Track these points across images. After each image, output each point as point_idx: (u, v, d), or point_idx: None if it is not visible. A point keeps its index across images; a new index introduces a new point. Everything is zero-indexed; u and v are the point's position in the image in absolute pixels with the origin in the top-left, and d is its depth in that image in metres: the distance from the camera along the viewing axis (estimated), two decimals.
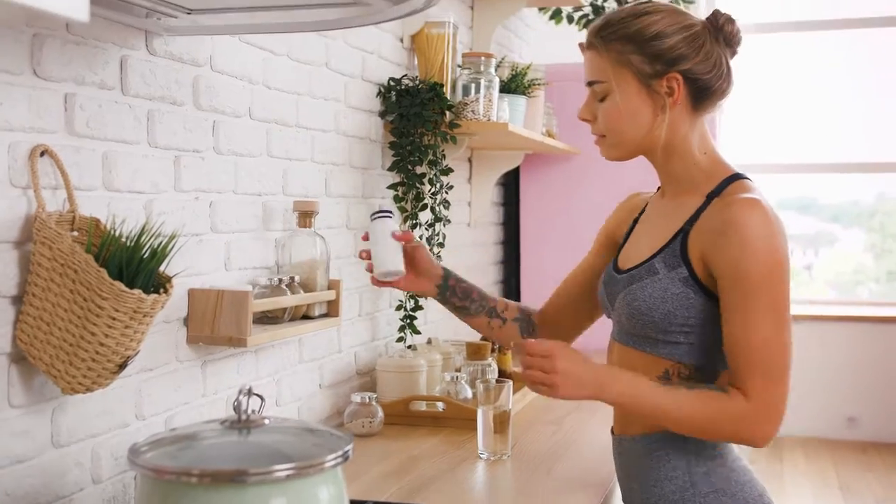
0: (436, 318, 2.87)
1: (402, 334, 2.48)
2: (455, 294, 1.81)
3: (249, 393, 1.15)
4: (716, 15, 1.54)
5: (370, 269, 1.74)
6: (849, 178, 5.92)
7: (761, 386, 1.40)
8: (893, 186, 6.11)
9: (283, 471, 1.06)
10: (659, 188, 1.66)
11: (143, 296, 1.27)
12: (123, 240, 1.30)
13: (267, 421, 1.16)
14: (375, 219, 1.73)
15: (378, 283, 1.75)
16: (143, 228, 1.31)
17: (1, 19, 1.21)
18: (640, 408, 1.46)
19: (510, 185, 3.64)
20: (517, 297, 3.69)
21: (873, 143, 5.86)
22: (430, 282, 1.80)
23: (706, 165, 1.55)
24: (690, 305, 1.47)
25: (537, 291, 3.54)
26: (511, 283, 3.68)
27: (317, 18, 1.62)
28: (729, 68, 1.55)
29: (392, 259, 1.71)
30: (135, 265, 1.29)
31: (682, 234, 1.50)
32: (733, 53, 1.56)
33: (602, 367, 1.48)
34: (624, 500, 1.63)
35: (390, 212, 1.75)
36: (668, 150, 1.55)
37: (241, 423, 1.14)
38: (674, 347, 1.50)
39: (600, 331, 1.83)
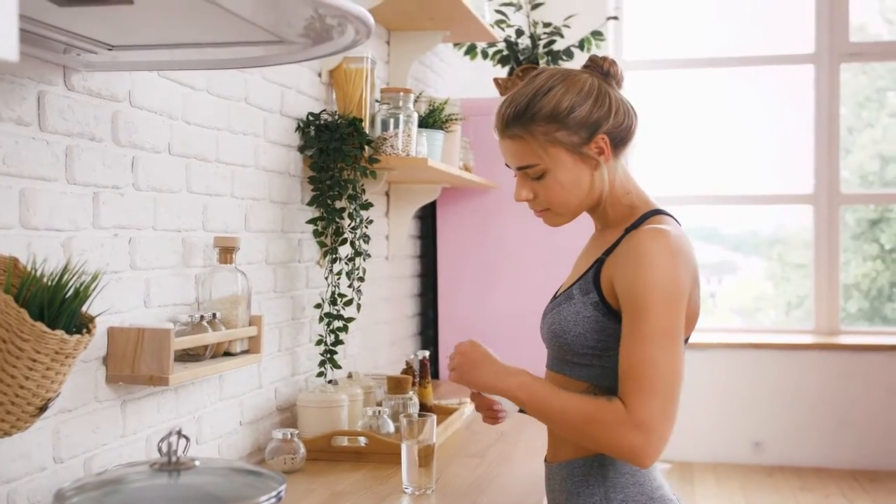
0: (355, 351, 2.86)
1: (322, 369, 2.47)
2: None
3: (179, 434, 1.14)
4: (596, 62, 1.62)
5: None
6: (748, 209, 6.12)
7: (638, 401, 1.43)
8: (790, 218, 6.34)
9: None
10: None
11: (66, 336, 1.24)
12: (44, 279, 1.27)
13: (197, 462, 1.15)
14: None
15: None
16: (65, 267, 1.29)
17: None
18: (534, 403, 1.53)
19: (426, 217, 3.67)
20: (435, 330, 3.70)
21: (772, 175, 6.08)
22: None
23: (630, 202, 1.62)
24: (601, 329, 1.53)
25: (454, 324, 3.56)
26: (428, 314, 3.70)
27: (238, 56, 1.62)
28: (632, 109, 1.62)
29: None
30: (56, 305, 1.26)
31: (598, 262, 1.57)
32: (621, 89, 1.64)
33: (503, 365, 1.59)
34: None
35: None
36: (598, 199, 1.62)
37: (170, 465, 1.13)
38: (588, 370, 1.57)
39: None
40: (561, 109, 1.55)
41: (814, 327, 5.79)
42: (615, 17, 3.80)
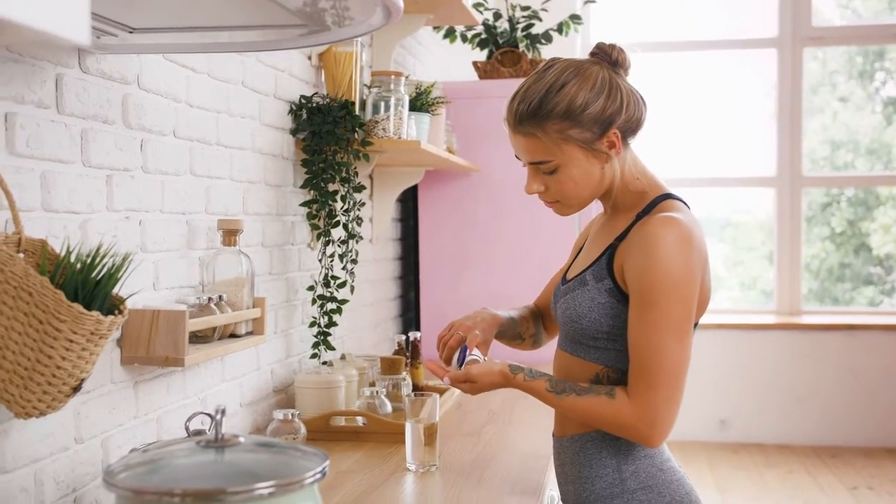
0: (343, 333, 2.89)
1: (315, 350, 2.49)
2: (504, 336, 1.94)
3: (223, 413, 1.16)
4: (604, 50, 1.64)
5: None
6: (702, 191, 6.21)
7: (643, 389, 1.50)
8: (743, 201, 6.45)
9: (265, 488, 1.07)
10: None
11: (102, 317, 1.26)
12: (76, 263, 1.28)
13: (241, 439, 1.17)
14: None
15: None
16: (97, 250, 1.30)
17: None
18: (538, 398, 1.65)
19: (407, 201, 3.69)
20: (416, 312, 3.74)
21: (733, 159, 6.19)
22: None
23: (640, 187, 1.65)
24: (615, 314, 1.57)
25: (436, 306, 3.59)
26: (410, 297, 3.73)
27: (250, 39, 1.64)
28: (640, 97, 1.65)
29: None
30: (90, 287, 1.27)
31: (611, 249, 1.60)
32: (628, 76, 1.67)
33: (505, 380, 1.68)
34: (562, 500, 1.71)
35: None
36: (610, 187, 1.66)
37: (216, 441, 1.15)
38: (603, 353, 1.60)
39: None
40: (575, 107, 1.57)
41: (776, 307, 5.92)
42: (593, 1, 3.84)
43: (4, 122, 1.36)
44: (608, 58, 1.63)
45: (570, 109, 1.56)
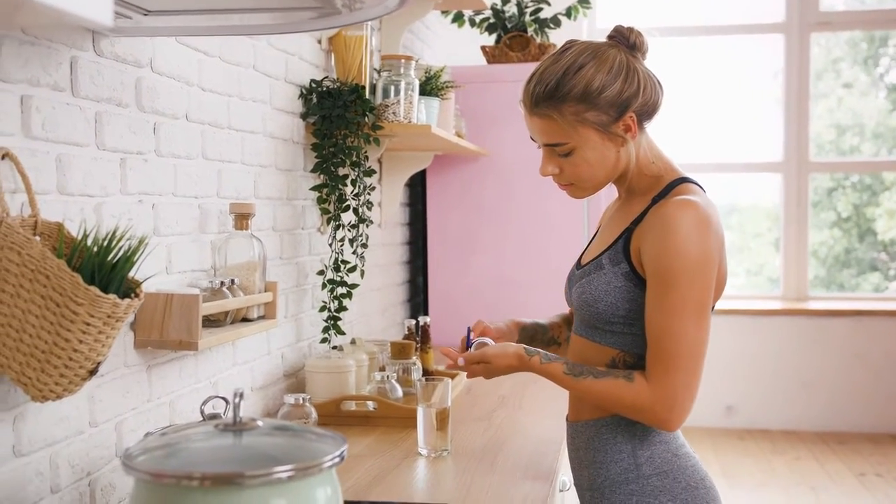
0: (352, 318, 2.88)
1: (325, 335, 2.49)
2: (534, 340, 1.93)
3: (241, 396, 1.15)
4: (621, 33, 1.63)
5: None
6: (707, 177, 6.19)
7: (662, 373, 1.50)
8: (749, 187, 6.43)
9: (284, 472, 1.07)
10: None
11: (118, 300, 1.25)
12: (93, 246, 1.28)
13: (259, 423, 1.17)
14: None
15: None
16: (113, 233, 1.29)
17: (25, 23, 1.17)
18: (553, 381, 1.64)
19: (415, 185, 3.68)
20: (424, 296, 3.73)
21: (740, 144, 6.17)
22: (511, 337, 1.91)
23: (656, 171, 1.64)
24: (632, 298, 1.56)
25: (444, 290, 3.59)
26: (417, 281, 3.73)
27: (261, 22, 1.63)
28: (657, 80, 1.64)
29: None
30: (107, 270, 1.27)
31: (627, 233, 1.60)
32: (645, 59, 1.66)
33: (521, 363, 1.67)
34: (576, 485, 1.71)
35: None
36: (624, 171, 1.65)
37: (235, 425, 1.15)
38: (619, 337, 1.60)
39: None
40: (592, 90, 1.56)
41: (782, 293, 5.92)
42: None
43: (20, 105, 1.35)
44: (626, 41, 1.62)
45: (587, 92, 1.56)
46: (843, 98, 6.23)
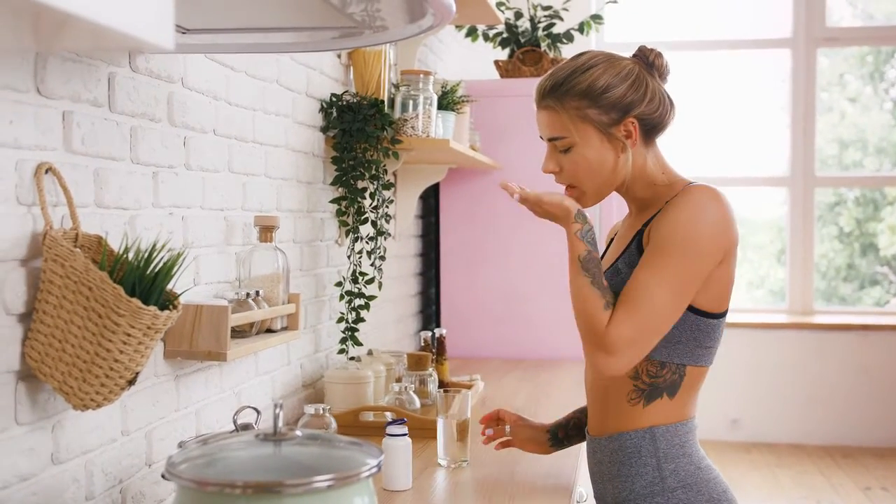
0: (367, 329, 2.91)
1: (343, 346, 2.52)
2: (570, 437, 1.93)
3: (281, 407, 1.19)
4: (644, 52, 1.68)
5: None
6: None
7: (617, 319, 1.52)
8: (751, 200, 6.47)
9: (323, 482, 1.10)
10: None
11: (158, 312, 1.29)
12: (133, 259, 1.31)
13: (298, 433, 1.20)
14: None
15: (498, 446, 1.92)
16: (153, 245, 1.33)
17: (80, 46, 1.21)
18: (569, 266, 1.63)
19: (428, 198, 3.72)
20: (437, 308, 3.76)
21: (746, 158, 6.21)
22: (539, 447, 1.94)
23: (666, 182, 1.67)
24: None
25: (457, 303, 3.62)
26: (430, 293, 3.76)
27: (288, 41, 1.67)
28: (669, 99, 1.68)
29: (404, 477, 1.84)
30: (147, 283, 1.30)
31: (639, 234, 1.63)
32: (665, 82, 1.70)
33: (565, 216, 1.63)
34: (597, 498, 1.73)
35: (404, 421, 1.88)
36: (630, 181, 1.68)
37: (275, 435, 1.18)
38: None
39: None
40: (596, 87, 1.61)
41: (787, 307, 5.94)
42: (615, 1, 3.87)
43: (62, 121, 1.39)
44: (645, 59, 1.67)
45: (591, 89, 1.61)
46: (846, 112, 6.27)
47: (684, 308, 1.56)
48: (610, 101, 1.61)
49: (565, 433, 1.92)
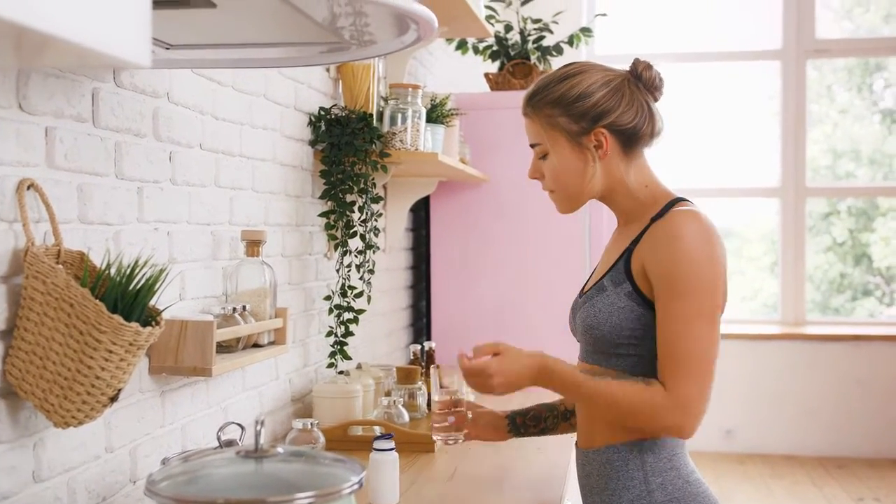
0: (357, 343, 2.91)
1: (332, 360, 2.51)
2: (528, 427, 1.92)
3: (262, 423, 1.18)
4: (635, 64, 1.69)
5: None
6: (704, 202, 6.23)
7: (676, 378, 1.52)
8: (743, 212, 6.48)
9: (305, 499, 1.10)
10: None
11: (140, 329, 1.28)
12: (115, 275, 1.31)
13: (280, 450, 1.19)
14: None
15: (445, 441, 1.85)
16: (136, 262, 1.32)
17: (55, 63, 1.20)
18: (574, 397, 1.64)
19: (418, 210, 3.72)
20: (427, 321, 3.76)
21: (737, 170, 6.23)
22: (497, 432, 1.91)
23: (649, 195, 1.67)
24: (636, 318, 1.59)
25: (446, 315, 3.62)
26: (421, 306, 3.75)
27: (274, 56, 1.67)
28: (652, 111, 1.68)
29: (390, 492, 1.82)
30: (129, 299, 1.30)
31: (627, 253, 1.63)
32: (656, 97, 1.70)
33: (536, 364, 1.60)
34: None
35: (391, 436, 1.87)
36: (609, 192, 1.69)
37: (256, 452, 1.17)
38: (624, 360, 1.62)
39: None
40: (569, 97, 1.63)
41: (780, 318, 5.95)
42: (604, 14, 3.88)
43: (45, 137, 1.38)
44: (634, 70, 1.67)
45: (563, 98, 1.63)
46: (838, 123, 6.28)
47: (719, 331, 1.57)
48: (580, 110, 1.63)
49: (523, 420, 1.91)
